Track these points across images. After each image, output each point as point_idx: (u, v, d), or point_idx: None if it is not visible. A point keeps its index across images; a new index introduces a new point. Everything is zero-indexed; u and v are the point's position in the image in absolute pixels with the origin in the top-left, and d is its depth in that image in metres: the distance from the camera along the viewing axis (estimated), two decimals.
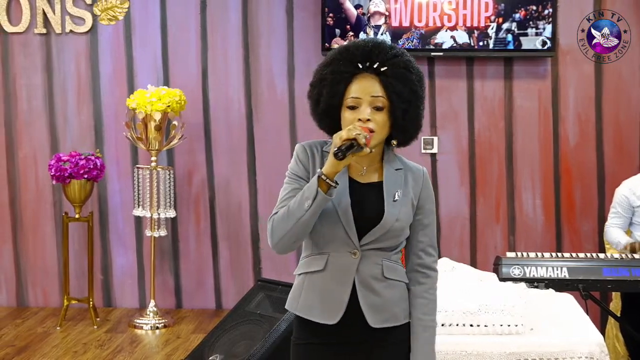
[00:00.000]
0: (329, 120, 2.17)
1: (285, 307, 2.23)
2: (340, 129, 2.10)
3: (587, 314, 3.34)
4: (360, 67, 2.11)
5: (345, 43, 2.20)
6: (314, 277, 2.16)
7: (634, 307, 4.00)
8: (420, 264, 2.20)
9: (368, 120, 2.08)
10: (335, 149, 1.99)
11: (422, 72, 2.18)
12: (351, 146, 2.00)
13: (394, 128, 2.14)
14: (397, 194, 2.15)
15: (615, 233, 4.26)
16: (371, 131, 2.07)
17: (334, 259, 2.14)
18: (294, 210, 2.06)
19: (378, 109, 2.10)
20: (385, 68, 2.10)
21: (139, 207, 5.11)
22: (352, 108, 2.11)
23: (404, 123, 2.13)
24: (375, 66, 2.10)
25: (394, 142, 2.19)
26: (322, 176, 2.02)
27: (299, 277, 2.21)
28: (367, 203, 2.14)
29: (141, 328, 5.06)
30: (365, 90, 2.10)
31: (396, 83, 2.10)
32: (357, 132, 2.01)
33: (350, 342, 2.15)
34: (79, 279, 5.45)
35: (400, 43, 5.16)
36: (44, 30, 5.40)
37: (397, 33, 5.17)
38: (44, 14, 5.38)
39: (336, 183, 2.04)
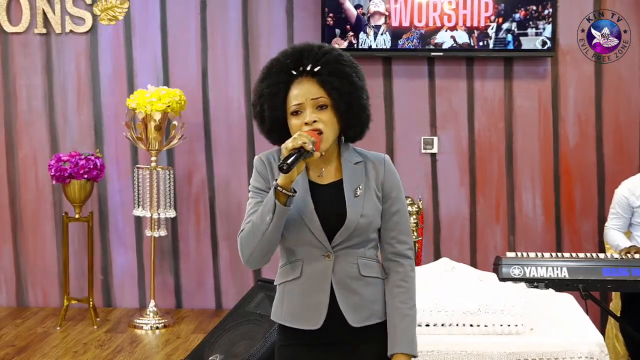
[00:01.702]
0: (277, 133, 2.16)
1: (271, 317, 2.23)
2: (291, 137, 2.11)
3: (587, 314, 3.34)
4: (295, 73, 2.11)
5: (275, 56, 2.19)
6: (292, 285, 2.16)
7: (634, 307, 4.00)
8: (394, 252, 2.19)
9: (314, 122, 2.08)
10: (279, 162, 2.00)
11: (356, 62, 2.17)
12: (299, 155, 1.99)
13: (342, 123, 2.13)
14: (358, 188, 2.14)
15: (614, 235, 4.26)
16: (320, 132, 2.07)
17: (308, 265, 2.14)
18: (258, 225, 2.06)
19: (322, 107, 2.10)
20: (319, 67, 2.10)
21: (139, 207, 5.11)
22: (297, 113, 2.11)
23: (351, 116, 2.13)
24: (308, 68, 2.11)
25: (342, 137, 2.18)
26: (278, 188, 2.02)
27: (279, 287, 2.21)
28: (330, 204, 2.13)
29: (141, 328, 5.06)
30: (304, 94, 2.10)
31: (333, 79, 2.10)
32: (303, 139, 2.01)
33: (334, 343, 2.15)
34: (79, 279, 5.45)
35: (400, 43, 5.16)
36: (44, 30, 5.40)
37: (397, 33, 5.17)
38: (44, 14, 5.38)
39: (294, 191, 2.03)
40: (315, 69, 2.10)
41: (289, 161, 1.98)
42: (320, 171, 2.18)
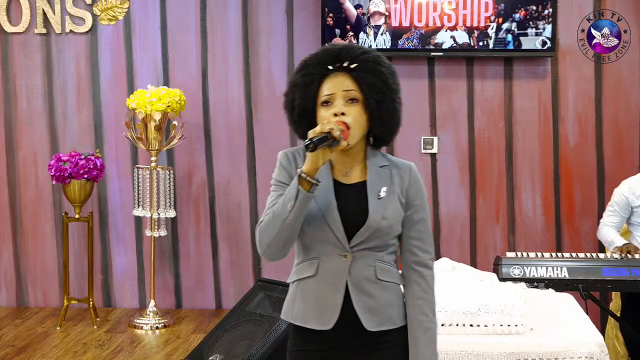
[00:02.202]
0: (305, 124, 2.15)
1: (281, 316, 2.21)
2: None
3: (587, 314, 3.34)
4: (331, 68, 2.12)
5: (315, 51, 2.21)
6: (306, 283, 2.14)
7: (634, 307, 4.00)
8: (415, 261, 2.16)
9: (343, 114, 2.09)
10: (307, 140, 1.99)
11: (393, 67, 2.18)
12: (325, 139, 1.99)
13: (370, 121, 2.13)
14: (381, 191, 2.13)
15: (609, 232, 4.26)
16: (348, 127, 2.07)
17: (324, 263, 2.12)
18: (278, 213, 2.05)
19: (352, 100, 2.11)
20: (355, 65, 2.11)
21: (139, 207, 5.11)
22: (326, 104, 2.12)
23: (380, 114, 2.12)
24: (345, 65, 2.12)
25: (371, 138, 2.17)
26: (302, 174, 2.01)
27: (293, 285, 2.18)
28: (353, 204, 2.12)
29: (141, 328, 5.06)
30: (337, 86, 2.11)
31: (367, 75, 2.11)
32: (331, 126, 2.01)
33: (347, 347, 2.12)
34: (79, 279, 5.45)
35: (400, 43, 5.16)
36: (44, 30, 5.40)
37: (397, 33, 5.17)
38: (44, 14, 5.38)
39: (317, 181, 2.02)
40: (352, 66, 2.11)
41: (315, 140, 1.97)
42: (345, 171, 2.17)
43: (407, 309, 2.15)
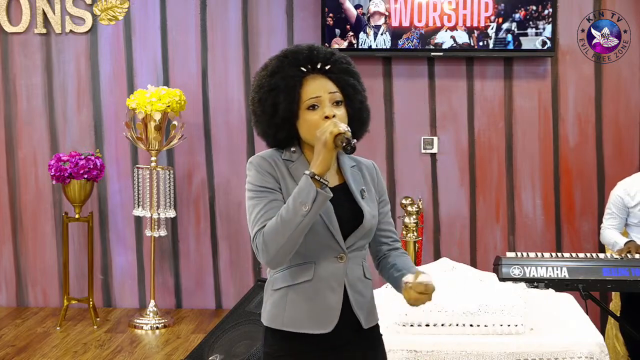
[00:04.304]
0: (287, 129, 2.11)
1: (266, 324, 2.15)
2: (296, 136, 2.11)
3: (587, 314, 3.34)
4: (305, 70, 2.10)
5: (278, 53, 2.17)
6: (300, 289, 2.10)
7: (633, 307, 4.00)
8: (393, 247, 2.26)
9: (334, 116, 2.07)
10: (346, 141, 1.96)
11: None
12: (348, 139, 1.99)
13: (353, 122, 2.13)
14: (363, 191, 2.17)
15: (611, 234, 4.26)
16: None
17: (321, 267, 2.10)
18: (290, 218, 1.98)
19: (338, 103, 2.11)
20: (329, 66, 2.11)
21: (139, 207, 5.11)
22: (313, 108, 2.09)
23: (361, 115, 2.16)
24: (319, 66, 2.11)
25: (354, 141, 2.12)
26: (316, 176, 1.99)
27: (280, 292, 2.12)
28: (344, 205, 2.12)
29: (141, 328, 5.06)
30: (322, 88, 2.09)
31: (346, 77, 2.12)
32: (342, 125, 2.00)
33: (343, 347, 2.12)
34: (79, 279, 5.45)
35: (400, 43, 5.16)
36: (44, 30, 5.40)
37: (397, 33, 5.17)
38: (44, 14, 5.38)
39: (327, 181, 2.01)
40: (326, 67, 2.11)
41: (352, 142, 1.97)
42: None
43: (388, 268, 2.21)
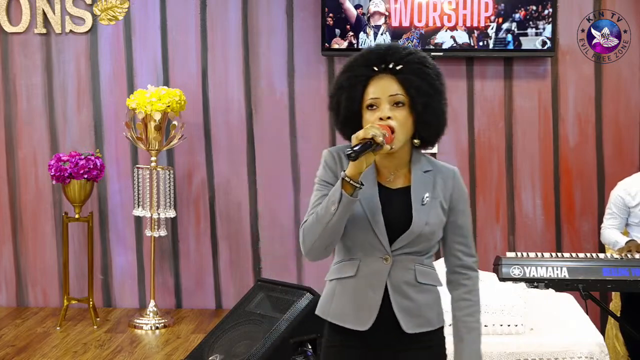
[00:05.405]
0: (351, 127, 2.13)
1: (316, 313, 2.20)
2: None
3: (587, 314, 3.34)
4: (376, 69, 2.10)
5: (359, 52, 2.18)
6: (345, 283, 2.14)
7: (634, 307, 4.00)
8: (461, 265, 2.20)
9: (389, 118, 2.07)
10: (349, 149, 1.97)
11: (439, 68, 2.18)
12: (368, 145, 1.97)
13: (417, 124, 2.12)
14: (425, 197, 2.13)
15: (611, 233, 4.26)
16: (392, 131, 2.05)
17: (365, 265, 2.12)
18: (322, 215, 2.04)
19: (398, 104, 2.09)
20: (401, 66, 2.09)
21: (138, 207, 5.11)
22: (372, 108, 2.10)
23: (427, 117, 2.11)
24: (390, 66, 2.10)
25: (416, 141, 2.15)
26: (346, 178, 2.00)
27: (331, 283, 2.19)
28: (397, 208, 2.12)
29: (141, 328, 5.06)
30: (383, 90, 2.09)
31: (413, 78, 2.09)
32: (375, 130, 1.98)
33: (384, 348, 2.13)
34: (79, 279, 5.45)
35: (400, 43, 5.15)
36: (44, 30, 5.40)
37: (397, 33, 5.17)
38: (44, 14, 5.38)
39: (361, 184, 2.01)
40: (398, 67, 2.09)
41: (357, 148, 1.96)
42: (389, 175, 2.16)
43: (452, 310, 2.19)
